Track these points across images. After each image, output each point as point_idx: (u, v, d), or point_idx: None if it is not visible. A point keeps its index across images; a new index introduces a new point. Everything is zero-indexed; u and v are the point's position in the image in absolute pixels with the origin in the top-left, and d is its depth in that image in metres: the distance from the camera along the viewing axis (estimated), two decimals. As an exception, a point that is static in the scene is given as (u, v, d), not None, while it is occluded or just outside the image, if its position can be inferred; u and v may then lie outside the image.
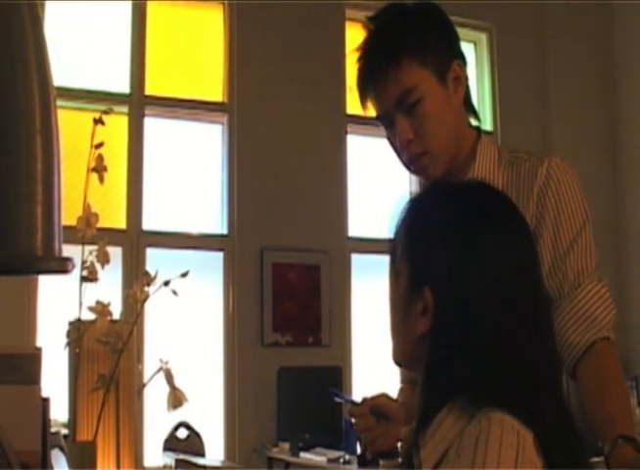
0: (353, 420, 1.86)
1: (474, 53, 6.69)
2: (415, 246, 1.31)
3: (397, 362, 1.40)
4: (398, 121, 1.82)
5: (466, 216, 1.29)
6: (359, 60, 1.88)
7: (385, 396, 1.86)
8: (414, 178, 5.57)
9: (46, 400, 1.95)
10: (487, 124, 6.45)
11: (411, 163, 1.86)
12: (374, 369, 5.74)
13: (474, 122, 1.96)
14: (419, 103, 1.81)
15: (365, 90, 1.87)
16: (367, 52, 1.86)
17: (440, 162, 1.84)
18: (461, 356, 1.22)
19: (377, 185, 6.20)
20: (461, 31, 1.96)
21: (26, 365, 1.84)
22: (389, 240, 1.37)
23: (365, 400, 1.84)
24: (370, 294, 5.86)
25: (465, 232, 1.27)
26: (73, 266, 0.95)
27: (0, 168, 0.89)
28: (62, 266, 0.94)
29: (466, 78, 1.89)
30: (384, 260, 1.58)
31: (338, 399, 1.97)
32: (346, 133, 6.09)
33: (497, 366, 1.22)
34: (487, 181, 1.51)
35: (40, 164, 0.90)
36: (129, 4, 5.64)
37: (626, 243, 6.57)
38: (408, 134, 1.82)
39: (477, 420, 1.16)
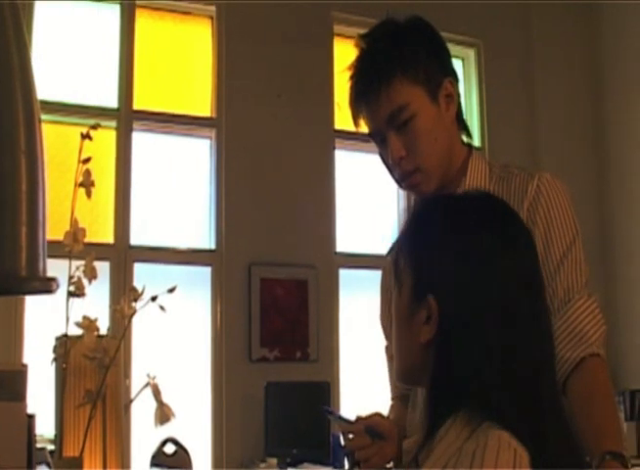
0: (343, 438, 1.85)
1: (462, 69, 6.71)
2: (417, 256, 1.33)
3: (400, 379, 1.42)
4: (390, 139, 1.82)
5: (465, 225, 1.30)
6: (351, 78, 1.88)
7: (378, 414, 1.86)
8: (402, 194, 5.59)
9: (32, 417, 1.94)
10: (475, 140, 6.46)
11: (403, 180, 1.87)
12: (362, 384, 5.73)
13: (465, 139, 1.96)
14: (411, 120, 1.81)
15: (357, 108, 1.88)
16: (359, 70, 1.86)
17: (432, 178, 1.85)
18: (464, 365, 1.22)
19: (365, 201, 6.20)
20: (449, 47, 1.97)
21: (12, 382, 1.83)
22: (392, 252, 1.38)
23: (359, 419, 1.83)
24: (358, 309, 5.85)
25: (466, 240, 1.29)
26: (58, 286, 0.95)
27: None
28: (46, 286, 0.93)
29: (458, 95, 1.89)
30: (371, 276, 1.58)
31: (330, 417, 1.96)
32: (334, 149, 6.09)
33: (498, 378, 1.21)
34: None
35: (25, 185, 0.89)
36: (117, 18, 5.63)
37: (614, 258, 6.58)
38: (400, 152, 1.82)
39: (475, 436, 1.17)
